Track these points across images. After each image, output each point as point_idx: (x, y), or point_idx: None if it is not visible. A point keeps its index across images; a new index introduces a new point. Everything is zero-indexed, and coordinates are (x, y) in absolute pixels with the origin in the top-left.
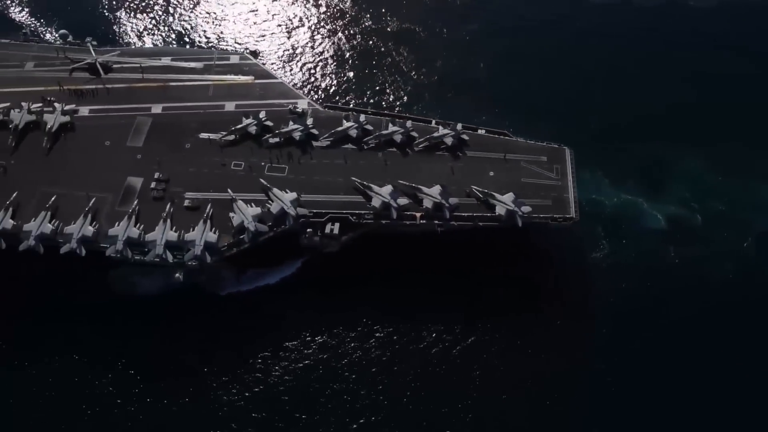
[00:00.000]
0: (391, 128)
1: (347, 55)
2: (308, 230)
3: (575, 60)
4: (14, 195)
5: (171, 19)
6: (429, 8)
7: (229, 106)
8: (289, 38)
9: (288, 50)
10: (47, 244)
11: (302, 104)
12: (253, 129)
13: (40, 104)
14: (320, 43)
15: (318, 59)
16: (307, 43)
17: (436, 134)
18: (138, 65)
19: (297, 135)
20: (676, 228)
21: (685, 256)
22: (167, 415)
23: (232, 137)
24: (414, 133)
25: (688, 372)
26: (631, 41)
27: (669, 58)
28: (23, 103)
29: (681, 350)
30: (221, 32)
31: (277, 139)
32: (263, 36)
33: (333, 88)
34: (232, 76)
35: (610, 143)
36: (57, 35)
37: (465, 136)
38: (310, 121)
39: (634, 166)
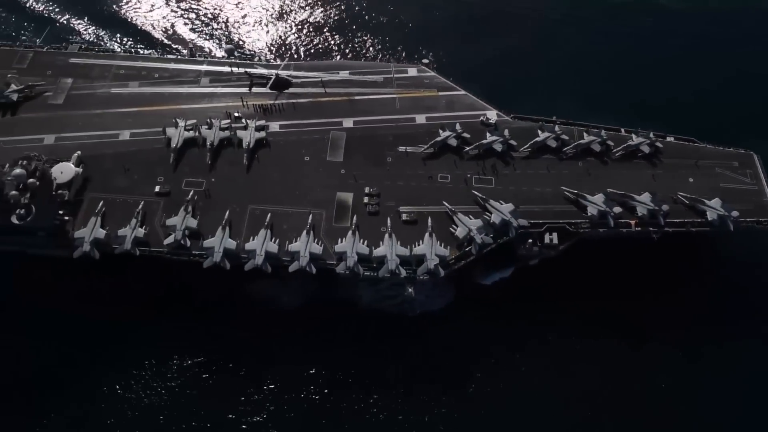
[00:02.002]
0: (588, 137)
1: (531, 65)
2: (528, 240)
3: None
4: (227, 214)
5: (342, 33)
6: None
7: (420, 118)
8: (463, 50)
9: (463, 62)
10: (273, 264)
11: (491, 115)
12: (453, 141)
13: (228, 120)
14: (496, 55)
15: (498, 70)
16: (482, 55)
17: (632, 142)
18: (318, 79)
19: (498, 146)
20: None
21: None
22: None
23: (431, 150)
24: (610, 142)
25: None
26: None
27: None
28: (213, 120)
29: None
30: (393, 45)
31: (476, 151)
32: (434, 48)
33: (515, 99)
34: (416, 89)
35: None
36: (223, 50)
37: (659, 144)
38: (506, 132)
39: None
